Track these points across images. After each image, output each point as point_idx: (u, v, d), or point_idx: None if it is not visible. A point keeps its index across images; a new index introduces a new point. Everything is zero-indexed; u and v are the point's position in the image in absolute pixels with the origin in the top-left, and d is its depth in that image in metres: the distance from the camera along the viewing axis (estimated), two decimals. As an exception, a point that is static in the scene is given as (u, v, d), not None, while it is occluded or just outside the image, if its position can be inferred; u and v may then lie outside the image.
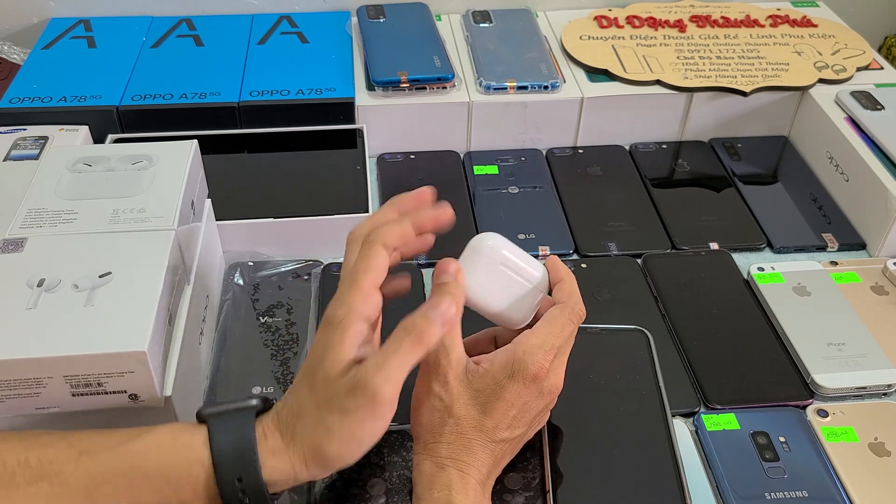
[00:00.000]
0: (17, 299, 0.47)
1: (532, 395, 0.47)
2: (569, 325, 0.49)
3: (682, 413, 0.59)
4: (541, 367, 0.47)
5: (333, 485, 0.52)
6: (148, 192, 0.55)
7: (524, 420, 0.48)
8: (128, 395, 0.47)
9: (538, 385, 0.47)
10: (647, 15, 0.94)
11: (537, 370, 0.47)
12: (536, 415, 0.49)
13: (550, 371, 0.48)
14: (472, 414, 0.47)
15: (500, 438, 0.47)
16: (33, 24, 0.93)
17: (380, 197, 0.78)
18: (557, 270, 0.51)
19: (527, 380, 0.47)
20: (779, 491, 0.53)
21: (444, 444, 0.47)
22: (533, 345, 0.47)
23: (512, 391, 0.47)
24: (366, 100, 0.81)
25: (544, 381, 0.48)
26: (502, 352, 0.48)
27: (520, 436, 0.49)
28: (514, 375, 0.47)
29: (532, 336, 0.48)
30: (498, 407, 0.47)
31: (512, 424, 0.47)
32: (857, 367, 0.61)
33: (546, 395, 0.48)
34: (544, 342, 0.47)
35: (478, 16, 0.94)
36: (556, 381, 0.49)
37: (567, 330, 0.49)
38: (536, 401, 0.48)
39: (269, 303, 0.66)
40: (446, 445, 0.47)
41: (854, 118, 0.79)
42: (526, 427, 0.49)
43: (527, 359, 0.47)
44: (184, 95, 0.79)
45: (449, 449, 0.47)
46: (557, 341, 0.48)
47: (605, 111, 0.84)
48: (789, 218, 0.77)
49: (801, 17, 0.95)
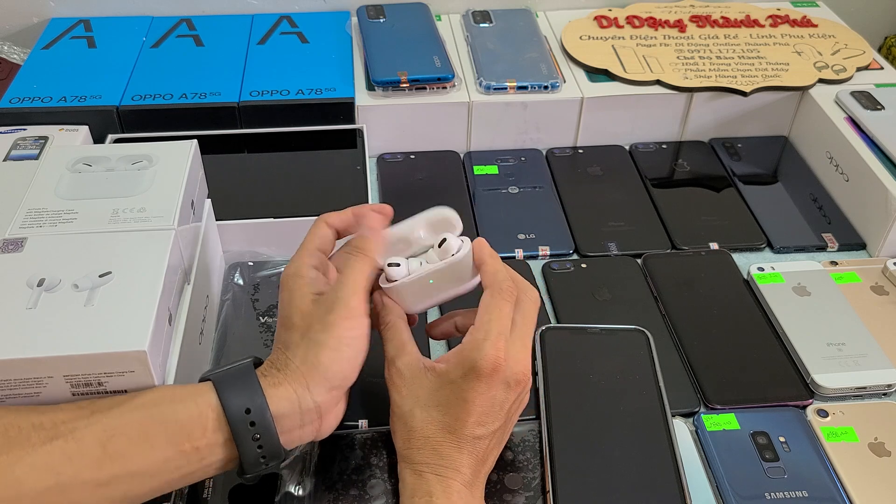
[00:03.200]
0: (17, 299, 0.47)
1: (498, 389, 0.46)
2: (505, 305, 0.48)
3: (682, 413, 0.59)
4: (494, 359, 0.46)
5: (334, 486, 0.52)
6: (148, 191, 0.55)
7: (496, 415, 0.47)
8: (128, 395, 0.47)
9: (499, 377, 0.46)
10: (647, 15, 0.94)
11: (491, 363, 0.45)
12: (511, 406, 0.48)
13: (509, 359, 0.46)
14: (434, 416, 0.47)
15: (475, 436, 0.47)
16: (33, 24, 0.93)
17: (380, 197, 0.78)
18: (480, 252, 0.50)
19: (483, 376, 0.46)
20: (779, 491, 0.53)
21: (415, 451, 0.47)
22: (477, 340, 0.46)
23: (471, 390, 0.46)
24: (366, 100, 0.81)
25: (504, 372, 0.46)
26: (454, 352, 0.47)
27: (498, 429, 0.48)
28: (468, 374, 0.46)
29: (475, 331, 0.47)
30: (461, 407, 0.46)
31: (482, 422, 0.46)
32: (857, 367, 0.61)
33: (514, 385, 0.47)
34: (488, 333, 0.46)
35: (478, 16, 0.94)
36: (520, 369, 0.47)
37: (505, 311, 0.47)
38: (505, 393, 0.47)
39: (269, 303, 0.66)
40: (417, 451, 0.47)
41: (854, 118, 0.79)
42: (502, 420, 0.48)
43: (475, 355, 0.46)
44: (184, 95, 0.79)
45: (421, 455, 0.47)
46: (500, 326, 0.47)
47: (605, 111, 0.84)
48: (789, 218, 0.77)
49: (801, 17, 0.95)
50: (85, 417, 0.42)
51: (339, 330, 0.46)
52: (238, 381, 0.45)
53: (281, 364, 0.46)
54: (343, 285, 0.47)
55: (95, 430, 0.42)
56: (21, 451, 0.40)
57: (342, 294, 0.47)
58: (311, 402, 0.45)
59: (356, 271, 0.48)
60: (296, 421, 0.45)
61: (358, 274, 0.48)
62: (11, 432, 0.41)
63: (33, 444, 0.41)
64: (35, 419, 0.42)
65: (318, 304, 0.47)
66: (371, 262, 0.49)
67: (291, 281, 0.49)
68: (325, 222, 0.52)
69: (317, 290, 0.48)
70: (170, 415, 0.43)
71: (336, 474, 0.52)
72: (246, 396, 0.44)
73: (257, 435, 0.44)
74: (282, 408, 0.44)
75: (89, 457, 0.41)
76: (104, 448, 0.41)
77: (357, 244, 0.50)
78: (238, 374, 0.45)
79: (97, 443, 0.41)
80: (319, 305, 0.47)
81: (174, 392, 0.45)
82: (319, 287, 0.49)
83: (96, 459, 0.41)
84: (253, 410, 0.43)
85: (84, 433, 0.41)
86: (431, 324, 0.56)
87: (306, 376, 0.45)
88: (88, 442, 0.41)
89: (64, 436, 0.41)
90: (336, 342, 0.45)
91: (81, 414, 0.42)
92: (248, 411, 0.43)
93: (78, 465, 0.41)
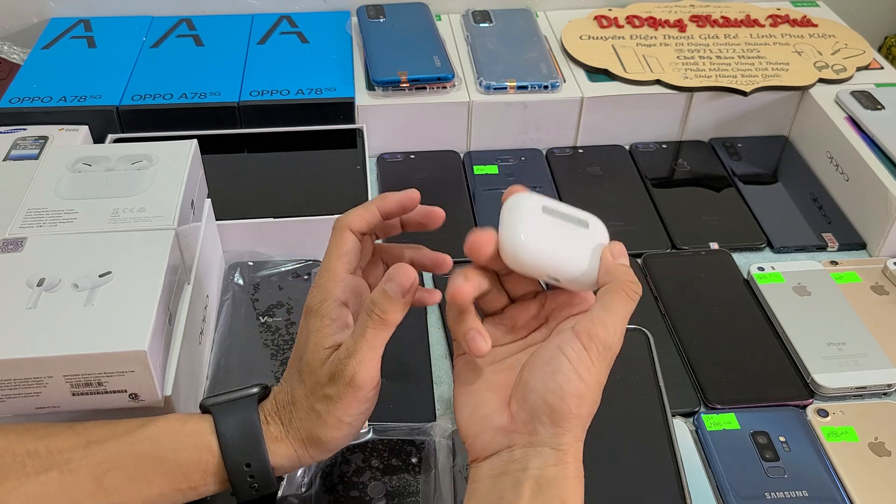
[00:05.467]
0: (17, 299, 0.47)
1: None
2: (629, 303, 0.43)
3: (682, 413, 0.59)
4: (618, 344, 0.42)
5: (334, 487, 0.52)
6: (148, 191, 0.55)
7: None
8: (128, 395, 0.47)
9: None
10: (647, 15, 0.94)
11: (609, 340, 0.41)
12: None
13: None
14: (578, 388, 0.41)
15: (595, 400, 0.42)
16: (33, 24, 0.93)
17: (380, 197, 0.78)
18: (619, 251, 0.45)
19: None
20: (779, 491, 0.53)
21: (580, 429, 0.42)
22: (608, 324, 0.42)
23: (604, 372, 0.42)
24: (366, 100, 0.81)
25: None
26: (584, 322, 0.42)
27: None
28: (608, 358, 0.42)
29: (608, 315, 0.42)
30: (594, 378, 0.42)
31: None
32: (857, 367, 0.61)
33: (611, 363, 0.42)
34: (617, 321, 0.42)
35: (478, 16, 0.94)
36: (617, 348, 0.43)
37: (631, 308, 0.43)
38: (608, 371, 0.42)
39: (269, 303, 0.66)
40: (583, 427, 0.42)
41: (854, 118, 0.79)
42: None
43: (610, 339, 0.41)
44: (184, 95, 0.79)
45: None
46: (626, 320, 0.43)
47: (605, 111, 0.84)
48: (789, 218, 0.77)
49: (801, 16, 0.95)
50: (81, 447, 0.42)
51: (340, 409, 0.43)
52: (241, 428, 0.43)
53: (285, 416, 0.45)
54: (352, 356, 0.42)
55: (91, 462, 0.41)
56: (16, 480, 0.40)
57: (349, 368, 0.42)
58: (308, 459, 0.45)
59: (371, 344, 0.42)
60: (293, 468, 0.45)
61: (372, 347, 0.42)
62: (6, 458, 0.41)
63: (28, 473, 0.41)
64: (31, 445, 0.42)
65: (325, 364, 0.43)
66: (391, 329, 0.43)
67: (314, 321, 0.45)
68: (350, 230, 0.46)
69: (335, 339, 0.44)
70: (169, 454, 0.42)
71: (337, 476, 0.52)
72: (247, 452, 0.43)
73: (255, 484, 0.43)
74: (280, 461, 0.44)
75: (84, 490, 0.41)
76: (99, 482, 0.41)
77: (382, 307, 0.42)
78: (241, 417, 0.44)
79: (92, 476, 0.41)
80: (327, 367, 0.43)
81: (173, 429, 0.43)
82: (338, 335, 0.44)
83: (91, 492, 0.41)
84: (253, 465, 0.43)
85: (80, 464, 0.41)
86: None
87: (306, 442, 0.44)
88: (83, 474, 0.41)
89: (59, 466, 0.41)
90: (336, 421, 0.43)
91: (78, 442, 0.42)
92: (249, 465, 0.43)
93: (72, 496, 0.41)
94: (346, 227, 0.46)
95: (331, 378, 0.43)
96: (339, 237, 0.46)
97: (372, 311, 0.42)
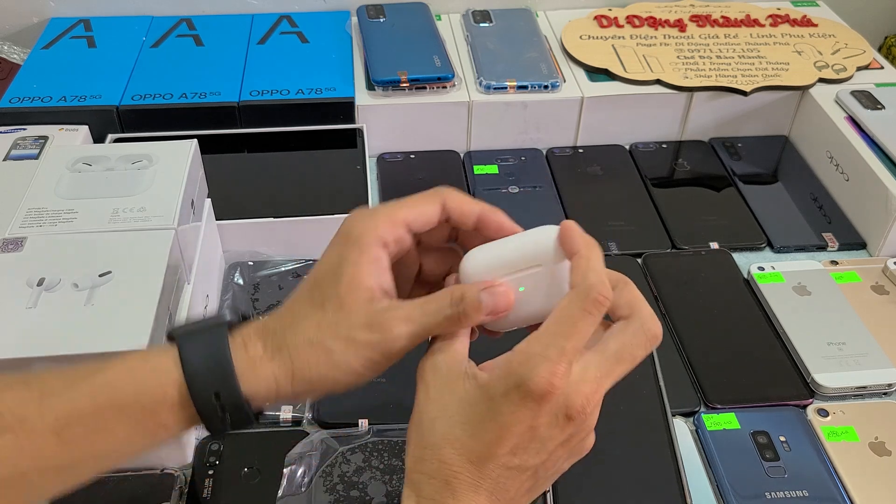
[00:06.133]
0: (17, 299, 0.47)
1: (542, 420, 0.36)
2: (584, 316, 0.37)
3: (682, 413, 0.59)
4: (547, 382, 0.35)
5: (334, 488, 0.52)
6: (148, 191, 0.55)
7: (535, 451, 0.37)
8: (128, 395, 0.46)
9: (548, 406, 0.36)
10: (647, 14, 0.94)
11: (543, 386, 0.35)
12: (557, 446, 0.38)
13: (568, 386, 0.36)
14: (458, 436, 0.37)
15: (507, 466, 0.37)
16: (33, 24, 0.93)
17: (380, 197, 0.78)
18: (571, 241, 0.40)
19: (528, 399, 0.36)
20: (779, 490, 0.53)
21: (424, 477, 0.38)
22: (532, 353, 0.36)
23: (510, 413, 0.36)
24: (366, 99, 0.81)
25: (556, 402, 0.36)
26: (503, 360, 0.38)
27: (535, 468, 0.38)
28: (511, 393, 0.36)
29: (532, 341, 0.37)
30: (493, 432, 0.36)
31: (515, 452, 0.37)
32: (857, 367, 0.61)
33: (563, 421, 0.37)
34: (547, 347, 0.36)
35: (478, 15, 0.94)
36: (578, 401, 0.36)
37: (581, 324, 0.37)
38: (551, 428, 0.37)
39: (269, 303, 0.66)
40: (426, 480, 0.38)
41: (854, 118, 0.79)
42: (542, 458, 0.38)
43: (523, 371, 0.36)
44: (184, 95, 0.79)
45: (429, 486, 0.37)
46: (567, 342, 0.36)
47: (605, 111, 0.84)
48: (789, 217, 0.77)
49: (801, 16, 0.95)
50: (35, 401, 0.37)
51: (358, 356, 0.38)
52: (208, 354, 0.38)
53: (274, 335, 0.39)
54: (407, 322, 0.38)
55: (47, 419, 0.37)
56: None
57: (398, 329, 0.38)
58: (289, 391, 0.39)
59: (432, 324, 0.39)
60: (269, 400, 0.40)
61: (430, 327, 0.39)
62: None
63: None
64: None
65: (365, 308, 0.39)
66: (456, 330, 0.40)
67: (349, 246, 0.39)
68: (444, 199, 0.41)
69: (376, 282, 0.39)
70: (130, 399, 0.38)
71: (337, 476, 0.52)
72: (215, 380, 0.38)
73: (227, 416, 0.38)
74: (256, 389, 0.38)
75: (44, 447, 0.37)
76: (59, 436, 0.37)
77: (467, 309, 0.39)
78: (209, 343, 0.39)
79: (51, 432, 0.37)
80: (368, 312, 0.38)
81: (133, 370, 0.39)
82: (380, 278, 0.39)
83: (52, 448, 0.37)
84: (223, 395, 0.38)
85: (35, 423, 0.37)
86: None
87: (295, 372, 0.39)
88: (41, 432, 0.37)
89: (13, 428, 0.37)
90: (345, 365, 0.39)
91: (30, 396, 0.37)
92: (218, 396, 0.38)
93: (33, 455, 0.37)
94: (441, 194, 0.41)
95: (367, 324, 0.38)
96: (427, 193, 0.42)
97: (458, 304, 0.39)
